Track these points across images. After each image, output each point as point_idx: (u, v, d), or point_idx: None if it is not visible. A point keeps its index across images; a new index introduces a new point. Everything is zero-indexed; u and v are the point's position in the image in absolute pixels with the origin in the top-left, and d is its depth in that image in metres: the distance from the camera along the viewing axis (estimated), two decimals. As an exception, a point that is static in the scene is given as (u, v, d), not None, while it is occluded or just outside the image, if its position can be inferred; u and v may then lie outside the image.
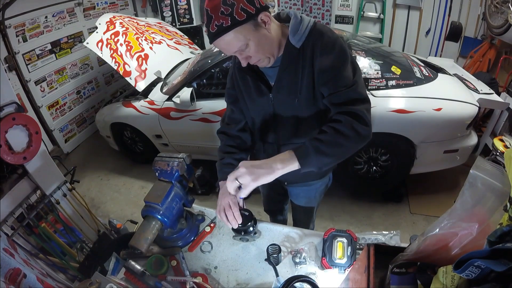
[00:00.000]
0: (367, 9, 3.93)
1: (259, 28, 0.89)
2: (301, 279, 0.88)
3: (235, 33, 0.86)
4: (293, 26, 0.95)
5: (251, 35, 0.88)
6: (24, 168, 1.55)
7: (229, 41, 0.88)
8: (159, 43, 3.14)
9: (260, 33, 0.90)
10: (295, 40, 0.95)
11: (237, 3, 0.83)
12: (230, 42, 0.88)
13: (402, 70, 2.21)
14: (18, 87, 2.94)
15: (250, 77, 1.06)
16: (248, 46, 0.90)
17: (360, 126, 0.90)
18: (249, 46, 0.90)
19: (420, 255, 0.63)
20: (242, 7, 0.84)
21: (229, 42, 0.88)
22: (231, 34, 0.86)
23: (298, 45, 0.95)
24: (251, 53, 0.92)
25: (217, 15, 0.83)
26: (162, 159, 1.14)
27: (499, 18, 2.99)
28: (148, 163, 1.75)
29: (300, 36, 0.95)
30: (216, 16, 0.84)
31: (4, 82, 1.45)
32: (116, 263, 1.07)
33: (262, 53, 0.94)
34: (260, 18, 0.87)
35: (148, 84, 2.82)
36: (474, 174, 0.56)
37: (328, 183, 1.37)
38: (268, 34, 0.92)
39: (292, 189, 1.40)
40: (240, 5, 0.83)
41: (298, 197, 1.41)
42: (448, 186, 2.58)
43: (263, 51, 0.93)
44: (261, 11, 0.87)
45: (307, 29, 0.95)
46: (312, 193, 1.36)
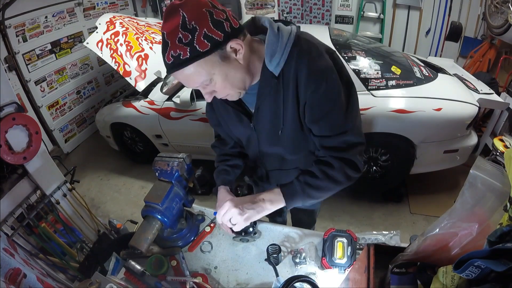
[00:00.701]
0: (367, 9, 3.93)
1: (226, 59, 0.73)
2: (301, 279, 0.88)
3: (195, 67, 0.71)
4: (269, 46, 0.78)
5: (217, 69, 0.73)
6: (24, 168, 1.54)
7: (188, 76, 0.73)
8: (159, 43, 3.13)
9: (229, 65, 0.74)
10: (273, 65, 0.79)
11: (200, 29, 0.67)
12: (189, 77, 0.73)
13: (402, 70, 2.21)
14: (18, 87, 2.94)
15: (229, 105, 0.94)
16: (213, 80, 0.75)
17: (352, 171, 0.87)
18: (214, 81, 0.75)
19: (420, 255, 0.63)
20: (206, 34, 0.68)
21: (188, 77, 0.74)
22: (191, 68, 0.71)
23: (277, 71, 0.80)
24: (216, 88, 0.78)
25: (174, 43, 0.68)
26: (162, 159, 1.14)
27: (499, 18, 2.99)
28: (148, 163, 1.75)
29: (278, 60, 0.78)
30: (172, 44, 0.68)
31: (4, 82, 1.45)
32: (116, 263, 1.07)
33: (230, 89, 0.79)
34: (229, 46, 0.72)
35: (148, 84, 2.82)
36: (474, 174, 0.56)
37: None
38: (239, 66, 0.76)
39: None
40: (204, 31, 0.67)
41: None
42: (448, 186, 2.58)
43: (231, 86, 0.79)
44: (230, 38, 0.71)
45: (286, 48, 0.78)
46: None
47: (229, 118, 1.01)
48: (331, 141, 0.86)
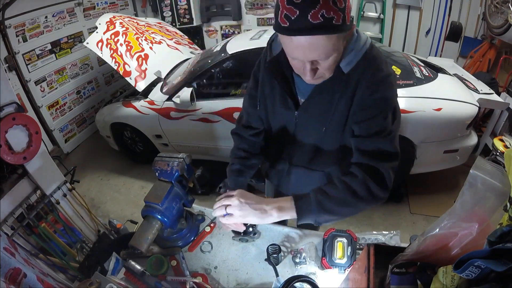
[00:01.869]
0: (367, 9, 3.93)
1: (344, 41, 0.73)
2: (301, 279, 0.88)
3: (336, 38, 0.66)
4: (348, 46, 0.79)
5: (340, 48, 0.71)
6: (24, 168, 1.54)
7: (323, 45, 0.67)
8: (159, 43, 3.14)
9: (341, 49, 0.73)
10: (345, 62, 0.78)
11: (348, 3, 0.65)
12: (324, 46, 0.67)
13: (402, 70, 2.21)
14: (18, 87, 2.94)
15: (278, 84, 0.90)
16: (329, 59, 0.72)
17: (377, 188, 0.79)
18: (329, 59, 0.72)
19: (420, 255, 0.63)
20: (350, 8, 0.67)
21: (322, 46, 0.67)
22: (333, 38, 0.66)
23: (346, 69, 0.79)
24: (323, 67, 0.74)
25: (327, 3, 0.61)
26: (162, 159, 1.14)
27: (499, 18, 2.99)
28: (148, 163, 1.75)
29: (351, 59, 0.78)
30: (325, 3, 0.61)
31: (4, 82, 1.45)
32: (116, 263, 1.07)
33: (331, 71, 0.77)
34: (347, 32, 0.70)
35: (148, 84, 2.82)
36: (474, 174, 0.56)
37: None
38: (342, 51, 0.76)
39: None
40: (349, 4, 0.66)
41: None
42: (448, 186, 2.58)
43: (333, 69, 0.77)
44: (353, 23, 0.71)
45: (360, 52, 0.79)
46: None
47: (272, 99, 0.95)
48: (367, 144, 0.83)
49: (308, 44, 0.66)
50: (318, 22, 0.62)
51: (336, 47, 0.69)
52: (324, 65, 0.73)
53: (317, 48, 0.67)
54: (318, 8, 0.60)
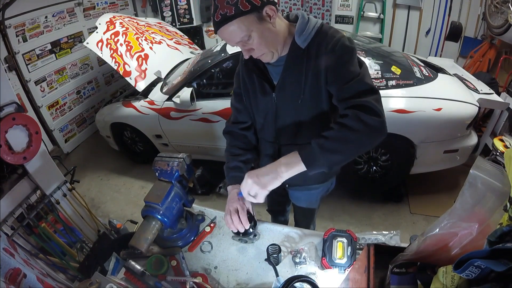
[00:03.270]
0: (367, 9, 3.93)
1: (263, 21, 0.89)
2: (301, 279, 0.88)
3: (238, 23, 0.86)
4: (299, 26, 0.95)
5: (254, 27, 0.88)
6: (24, 168, 1.55)
7: (232, 31, 0.88)
8: (159, 43, 3.14)
9: (264, 26, 0.89)
10: (301, 40, 0.95)
11: None
12: (232, 31, 0.88)
13: (402, 70, 2.20)
14: (18, 87, 2.94)
15: (255, 74, 1.06)
16: (251, 37, 0.89)
17: (368, 117, 0.85)
18: (252, 38, 0.89)
19: (420, 255, 0.62)
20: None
21: (231, 32, 0.88)
22: (234, 23, 0.85)
23: (304, 45, 0.95)
24: (254, 46, 0.91)
25: (223, 4, 0.84)
26: (162, 159, 1.14)
27: (499, 18, 2.99)
28: (148, 163, 1.75)
29: (306, 36, 0.95)
30: (221, 5, 0.84)
31: (4, 82, 1.45)
32: (116, 263, 1.07)
33: (265, 46, 0.93)
34: (265, 11, 0.87)
35: (148, 84, 2.82)
36: (474, 174, 0.56)
37: (330, 187, 1.36)
38: (273, 28, 0.92)
39: (293, 192, 1.39)
40: None
41: (299, 200, 1.40)
42: (448, 186, 2.58)
43: (266, 45, 0.92)
44: (266, 4, 0.87)
45: (313, 30, 0.95)
46: (314, 197, 1.36)
47: (252, 90, 1.09)
48: (346, 91, 0.92)
49: (224, 34, 0.89)
50: (219, 19, 0.86)
51: (244, 28, 0.86)
52: (254, 44, 0.91)
53: (230, 34, 0.89)
54: (217, 10, 0.85)
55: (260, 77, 1.05)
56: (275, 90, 1.04)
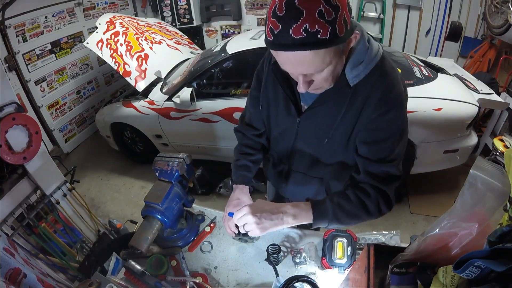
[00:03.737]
0: (367, 9, 3.93)
1: (343, 52, 0.67)
2: (301, 279, 0.88)
3: (325, 53, 0.61)
4: (356, 55, 0.73)
5: (334, 60, 0.65)
6: (24, 168, 1.54)
7: (310, 60, 0.62)
8: (159, 43, 3.14)
9: (341, 58, 0.68)
10: (352, 75, 0.75)
11: (342, 9, 0.58)
12: (311, 61, 0.63)
13: (402, 70, 2.21)
14: (18, 87, 2.94)
15: (282, 89, 0.87)
16: (323, 72, 0.67)
17: (384, 206, 0.85)
18: (323, 72, 0.68)
19: (420, 255, 0.62)
20: (345, 18, 0.59)
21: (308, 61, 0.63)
22: (321, 52, 0.60)
23: (353, 82, 0.75)
24: (317, 79, 0.70)
25: (313, 15, 0.56)
26: (162, 159, 1.14)
27: (499, 18, 2.99)
28: (148, 163, 1.75)
29: (359, 71, 0.74)
30: (310, 16, 0.56)
31: (4, 82, 1.45)
32: (116, 263, 1.07)
33: (330, 82, 0.73)
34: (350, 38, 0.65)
35: (148, 84, 2.82)
36: (474, 174, 0.56)
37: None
38: (343, 59, 0.71)
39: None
40: (344, 13, 0.59)
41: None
42: (448, 186, 2.58)
43: (332, 80, 0.72)
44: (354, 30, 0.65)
45: (370, 64, 0.75)
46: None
47: (274, 103, 0.93)
48: (375, 168, 0.84)
49: (293, 59, 0.64)
50: (301, 37, 0.57)
51: (326, 61, 0.64)
52: (319, 78, 0.70)
53: (304, 63, 0.64)
54: (301, 21, 0.56)
55: (287, 95, 0.87)
56: (301, 116, 0.88)
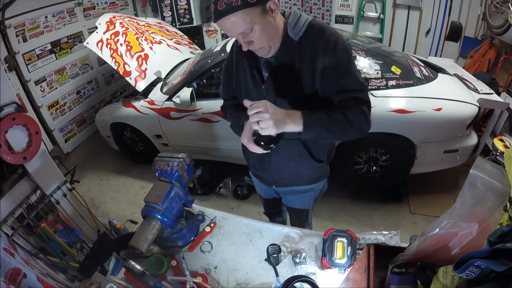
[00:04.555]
0: (367, 9, 3.93)
1: (266, 14, 0.89)
2: (301, 279, 0.88)
3: (242, 14, 0.85)
4: (292, 20, 0.97)
5: (258, 20, 0.88)
6: (24, 168, 1.54)
7: (234, 22, 0.87)
8: (159, 43, 3.14)
9: (266, 19, 0.90)
10: (294, 32, 0.97)
11: None
12: (235, 22, 0.87)
13: (402, 70, 2.20)
14: (18, 87, 2.93)
15: (247, 61, 1.06)
16: (253, 30, 0.89)
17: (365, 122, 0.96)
18: (254, 31, 0.90)
19: (420, 255, 0.63)
20: None
21: (234, 23, 0.87)
22: (239, 14, 0.85)
23: (296, 38, 0.97)
24: (254, 38, 0.92)
25: None
26: (162, 159, 1.14)
27: (499, 18, 2.99)
28: (148, 163, 1.74)
29: (298, 29, 0.97)
30: None
31: (4, 82, 1.45)
32: (116, 263, 1.07)
33: (265, 40, 0.94)
34: (268, 5, 0.88)
35: (148, 84, 2.82)
36: (474, 174, 0.56)
37: (323, 189, 1.37)
38: (273, 23, 0.93)
39: (285, 196, 1.40)
40: None
41: (292, 202, 1.41)
42: (448, 186, 2.58)
43: (266, 38, 0.93)
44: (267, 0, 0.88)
45: (305, 23, 0.97)
46: (306, 199, 1.36)
47: (244, 78, 1.10)
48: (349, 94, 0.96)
49: (226, 24, 0.88)
50: (223, 8, 0.84)
51: (248, 20, 0.86)
52: (254, 37, 0.91)
53: (232, 24, 0.87)
54: None
55: (252, 66, 1.06)
56: (265, 82, 1.05)
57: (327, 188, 1.40)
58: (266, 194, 1.51)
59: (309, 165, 1.19)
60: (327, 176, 1.33)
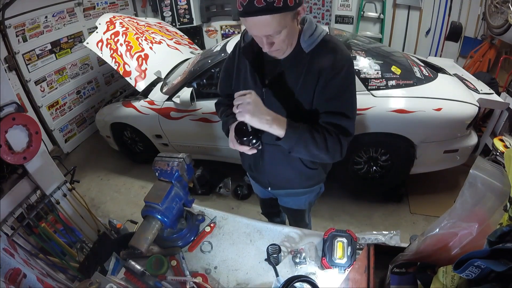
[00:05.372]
0: (367, 9, 3.92)
1: (294, 20, 0.89)
2: (301, 279, 0.88)
3: (280, 17, 0.83)
4: (306, 30, 0.96)
5: (288, 24, 0.87)
6: (24, 168, 1.54)
7: (268, 23, 0.84)
8: (159, 43, 3.14)
9: (293, 24, 0.90)
10: (306, 44, 0.96)
11: None
12: (269, 23, 0.84)
13: (402, 70, 2.21)
14: (18, 87, 2.93)
15: (250, 64, 1.05)
16: (281, 33, 0.88)
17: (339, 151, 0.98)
18: (281, 34, 0.89)
19: (420, 255, 0.63)
20: None
21: (267, 23, 0.84)
22: (277, 16, 0.83)
23: (307, 49, 0.96)
24: (277, 40, 0.91)
25: None
26: (162, 159, 1.14)
27: (499, 18, 2.99)
28: (148, 163, 1.74)
29: (312, 41, 0.96)
30: None
31: (4, 82, 1.45)
32: (116, 263, 1.07)
33: (286, 44, 0.94)
34: (299, 9, 0.88)
35: (148, 84, 2.82)
36: (474, 174, 0.56)
37: (320, 191, 1.37)
38: (296, 27, 0.93)
39: (281, 198, 1.41)
40: None
41: (287, 203, 1.41)
42: (448, 186, 2.58)
43: (288, 42, 0.93)
44: (302, 3, 0.88)
45: (320, 35, 0.97)
46: (302, 201, 1.36)
47: (244, 80, 1.09)
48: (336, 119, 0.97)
49: (257, 22, 0.85)
50: (261, 5, 0.80)
51: (282, 23, 0.85)
52: (278, 39, 0.90)
53: (265, 25, 0.85)
54: None
55: (254, 69, 1.05)
56: (266, 85, 1.04)
57: (328, 188, 1.40)
58: (262, 195, 1.51)
59: (302, 171, 1.19)
60: (323, 181, 1.32)
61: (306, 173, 1.20)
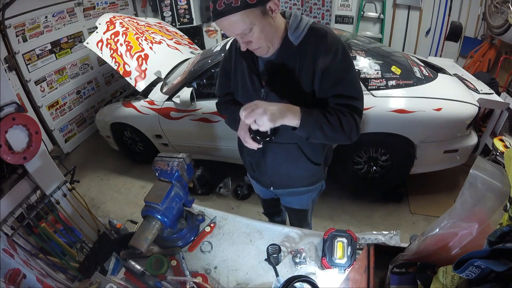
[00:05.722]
0: (367, 9, 3.93)
1: (266, 15, 0.89)
2: (301, 279, 0.88)
3: (242, 15, 0.85)
4: (292, 23, 0.97)
5: (257, 21, 0.88)
6: (24, 168, 1.54)
7: (234, 22, 0.86)
8: (159, 43, 3.14)
9: (266, 20, 0.90)
10: (294, 37, 0.96)
11: None
12: (234, 23, 0.86)
13: (402, 70, 2.20)
14: (18, 87, 2.93)
15: (247, 65, 1.06)
16: (252, 30, 0.89)
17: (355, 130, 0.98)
18: (253, 31, 0.89)
19: (420, 255, 0.63)
20: None
21: (233, 23, 0.87)
22: (238, 15, 0.84)
23: (296, 42, 0.97)
24: (253, 39, 0.91)
25: None
26: (162, 159, 1.14)
27: (499, 18, 2.99)
28: (148, 163, 1.75)
29: (299, 33, 0.96)
30: None
31: (4, 82, 1.45)
32: (116, 263, 1.07)
33: (264, 41, 0.94)
34: (269, 5, 0.88)
35: (148, 84, 2.82)
36: (474, 174, 0.56)
37: (321, 189, 1.37)
38: (273, 23, 0.93)
39: (284, 198, 1.41)
40: None
41: (290, 203, 1.41)
42: (448, 186, 2.58)
43: (265, 39, 0.93)
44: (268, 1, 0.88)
45: (306, 26, 0.97)
46: (304, 200, 1.36)
47: (242, 80, 1.10)
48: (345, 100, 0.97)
49: (225, 24, 0.88)
50: (222, 8, 0.83)
51: (248, 21, 0.86)
52: (253, 37, 0.91)
53: (231, 25, 0.87)
54: None
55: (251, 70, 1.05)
56: (265, 85, 1.04)
57: (328, 188, 1.41)
58: (264, 195, 1.51)
59: (306, 168, 1.19)
60: (325, 178, 1.33)
61: (311, 170, 1.20)
